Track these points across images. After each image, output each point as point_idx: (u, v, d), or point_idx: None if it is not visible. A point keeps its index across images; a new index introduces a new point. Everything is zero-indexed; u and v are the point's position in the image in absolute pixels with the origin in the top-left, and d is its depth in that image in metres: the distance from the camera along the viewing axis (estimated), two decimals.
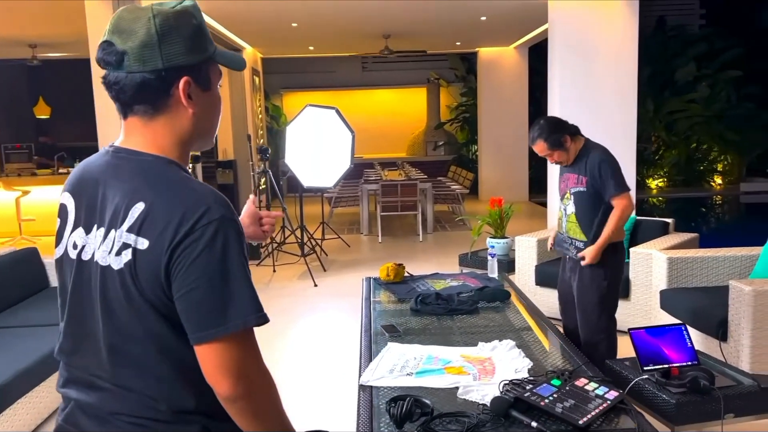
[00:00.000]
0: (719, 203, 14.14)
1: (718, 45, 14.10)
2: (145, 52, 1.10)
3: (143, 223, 1.07)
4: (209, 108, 1.21)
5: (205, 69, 1.18)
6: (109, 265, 1.10)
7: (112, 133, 4.91)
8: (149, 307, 1.09)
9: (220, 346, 1.06)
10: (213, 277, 1.05)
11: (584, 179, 3.05)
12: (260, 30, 9.35)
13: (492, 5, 7.94)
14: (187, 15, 1.15)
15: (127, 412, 1.14)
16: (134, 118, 1.16)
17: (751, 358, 3.16)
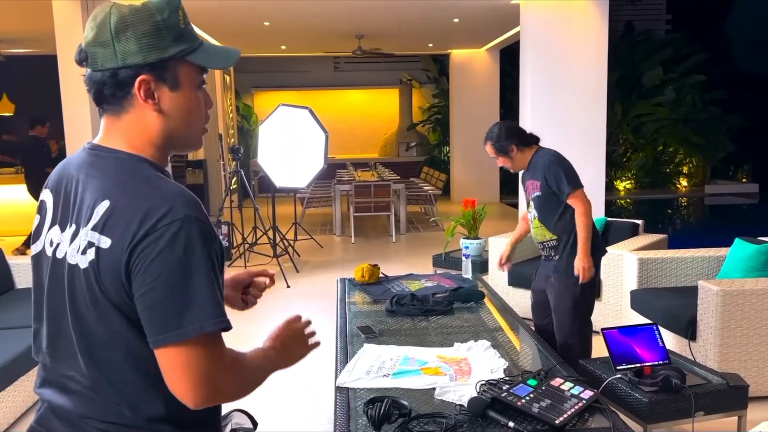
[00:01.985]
0: (685, 205, 14.45)
1: (683, 50, 14.42)
2: (102, 51, 1.08)
3: (107, 221, 1.04)
4: (181, 108, 1.14)
5: (172, 68, 1.12)
6: (76, 264, 1.07)
7: (79, 132, 4.80)
8: (113, 308, 1.05)
9: (177, 351, 1.02)
10: (171, 279, 1.01)
11: (538, 183, 3.09)
12: (232, 28, 9.25)
13: (464, 7, 7.99)
14: (145, 11, 1.10)
15: (96, 417, 1.11)
16: (107, 117, 1.15)
17: (719, 356, 3.23)
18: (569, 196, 3.00)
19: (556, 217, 3.08)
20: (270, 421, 3.35)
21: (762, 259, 3.70)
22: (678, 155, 14.78)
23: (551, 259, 3.17)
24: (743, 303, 3.21)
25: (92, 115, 5.99)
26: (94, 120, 6.00)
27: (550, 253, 3.16)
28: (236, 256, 7.02)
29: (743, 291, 3.22)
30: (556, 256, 3.13)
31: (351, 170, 11.36)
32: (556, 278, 3.13)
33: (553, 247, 3.13)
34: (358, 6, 7.73)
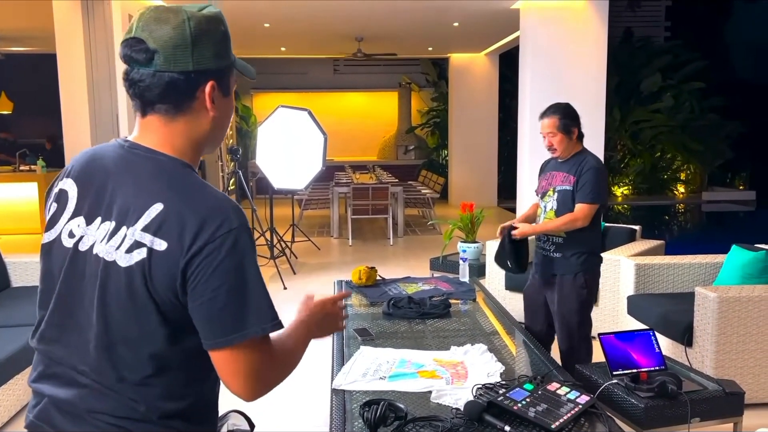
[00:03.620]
0: (682, 211, 14.47)
1: (682, 57, 14.46)
2: (177, 53, 1.10)
3: (162, 225, 1.06)
4: (226, 113, 1.21)
5: (227, 75, 1.19)
6: (114, 261, 1.08)
7: (78, 131, 4.78)
8: (154, 309, 1.07)
9: (237, 352, 1.08)
10: (232, 286, 1.06)
11: (572, 179, 3.04)
12: (231, 29, 9.10)
13: (464, 11, 8.00)
14: (217, 21, 1.16)
15: (107, 412, 1.11)
16: (154, 117, 1.15)
17: (715, 363, 3.23)
18: (580, 203, 2.97)
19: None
20: (266, 423, 3.34)
21: (759, 267, 3.70)
22: (676, 162, 14.81)
23: (551, 255, 3.13)
24: (740, 310, 3.21)
25: (91, 114, 5.98)
26: (92, 118, 5.99)
27: (552, 249, 3.12)
28: None
29: (740, 298, 3.22)
30: (558, 254, 3.10)
31: (349, 172, 11.36)
32: (562, 281, 3.09)
33: (559, 244, 3.09)
34: (358, 9, 7.74)
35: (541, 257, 3.23)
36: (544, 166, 3.30)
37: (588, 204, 2.98)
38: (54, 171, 8.89)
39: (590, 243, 3.09)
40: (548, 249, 3.15)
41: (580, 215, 2.98)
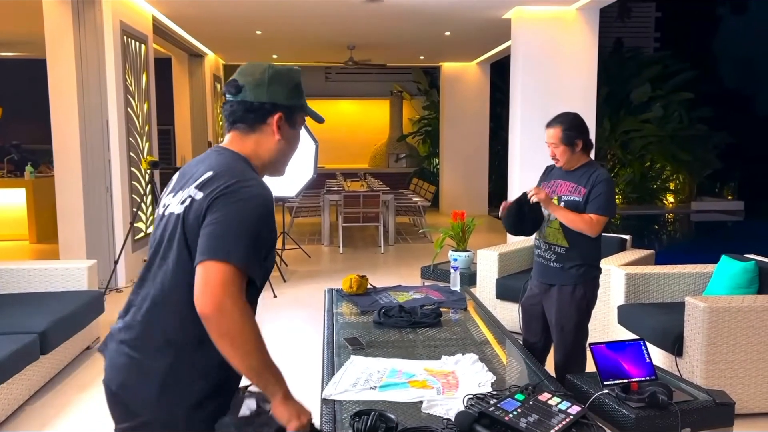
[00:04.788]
0: (671, 221, 14.56)
1: (671, 68, 14.59)
2: (257, 89, 1.53)
3: (206, 182, 1.43)
4: (290, 141, 1.60)
5: (295, 112, 1.59)
6: (173, 212, 1.47)
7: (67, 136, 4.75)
8: (185, 245, 1.41)
9: (206, 266, 1.33)
10: (228, 222, 1.35)
11: (583, 190, 2.98)
12: (223, 36, 9.25)
13: (456, 21, 8.04)
14: (292, 73, 1.59)
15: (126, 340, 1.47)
16: (235, 132, 1.56)
17: (705, 373, 3.24)
18: (595, 214, 2.91)
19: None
20: None
21: (748, 277, 3.72)
22: (665, 171, 14.92)
23: (550, 264, 3.10)
24: (729, 320, 3.22)
25: (80, 119, 5.94)
26: (81, 123, 5.95)
27: (552, 258, 3.08)
28: None
29: (730, 308, 3.23)
30: (558, 264, 3.06)
31: (340, 180, 11.35)
32: (561, 292, 3.05)
33: (560, 254, 3.04)
34: (351, 17, 7.75)
35: (539, 266, 3.18)
36: (548, 172, 3.21)
37: (601, 216, 2.92)
38: (41, 177, 8.82)
39: (591, 255, 3.05)
40: (548, 258, 3.10)
41: (595, 225, 2.91)
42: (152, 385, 1.41)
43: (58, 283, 4.28)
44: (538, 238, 3.18)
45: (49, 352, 3.57)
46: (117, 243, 6.09)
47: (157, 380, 1.41)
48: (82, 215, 6.02)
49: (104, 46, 5.95)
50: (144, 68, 6.91)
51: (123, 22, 6.26)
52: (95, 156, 6.02)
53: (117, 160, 6.10)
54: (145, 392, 1.42)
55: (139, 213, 6.42)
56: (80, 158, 5.97)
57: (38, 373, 3.55)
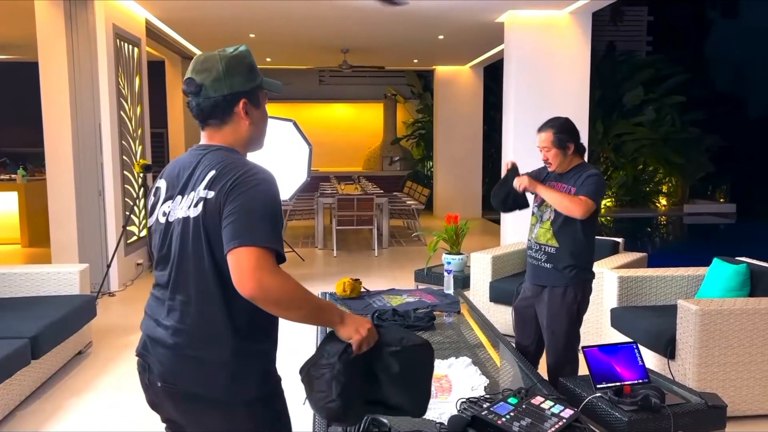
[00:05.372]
0: (664, 224, 14.62)
1: (664, 71, 14.66)
2: (215, 84, 1.58)
3: (214, 181, 1.50)
4: (260, 120, 1.67)
5: (256, 93, 1.64)
6: (188, 216, 1.53)
7: (59, 140, 4.73)
8: (206, 244, 1.49)
9: (239, 252, 1.41)
10: (248, 209, 1.45)
11: (572, 189, 3.00)
12: (217, 39, 9.23)
13: (449, 25, 8.05)
14: (241, 57, 1.62)
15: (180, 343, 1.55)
16: (209, 129, 1.63)
17: (698, 376, 3.25)
18: (581, 196, 2.92)
19: (571, 225, 2.99)
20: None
21: (740, 280, 3.74)
22: (658, 174, 14.98)
23: (541, 264, 3.10)
24: (722, 323, 3.24)
25: (72, 122, 5.92)
26: (74, 127, 5.93)
27: (543, 258, 3.08)
28: None
29: (722, 311, 3.24)
30: (549, 264, 3.07)
31: (334, 183, 11.34)
32: (553, 294, 3.06)
33: (551, 255, 3.05)
34: (344, 21, 7.76)
35: (531, 267, 3.19)
36: (543, 173, 3.23)
37: (589, 199, 2.89)
38: (33, 180, 8.78)
39: (582, 257, 3.05)
40: (539, 258, 3.11)
41: (583, 205, 2.87)
42: (223, 373, 1.51)
43: (50, 287, 4.26)
44: (530, 239, 3.19)
45: (41, 357, 3.55)
46: (109, 247, 6.06)
47: (227, 367, 1.51)
48: (74, 219, 5.99)
49: (97, 49, 5.93)
50: (137, 71, 6.89)
51: (116, 25, 6.24)
52: (88, 159, 6.00)
53: (109, 164, 6.08)
54: (219, 380, 1.51)
55: (131, 216, 6.40)
56: (72, 161, 5.95)
57: (29, 378, 3.53)
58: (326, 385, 1.51)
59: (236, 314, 1.51)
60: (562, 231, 3.02)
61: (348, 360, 1.52)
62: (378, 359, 1.58)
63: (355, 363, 1.53)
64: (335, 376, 1.50)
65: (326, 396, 1.51)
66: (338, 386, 1.49)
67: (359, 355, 1.53)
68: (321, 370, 1.53)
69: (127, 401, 3.61)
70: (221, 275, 1.49)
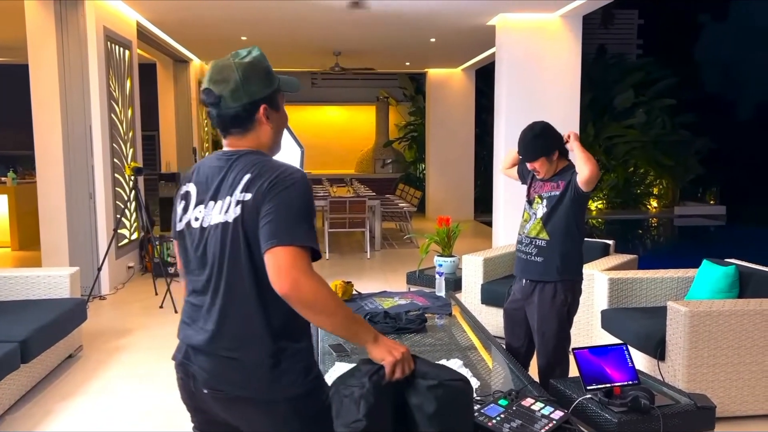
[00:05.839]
0: (655, 226, 14.69)
1: (654, 74, 14.76)
2: (234, 94, 1.58)
3: (250, 184, 1.52)
4: (280, 122, 1.69)
5: (274, 96, 1.65)
6: (226, 221, 1.54)
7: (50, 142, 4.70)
8: (244, 243, 1.51)
9: (276, 252, 1.45)
10: (284, 208, 1.48)
11: (562, 183, 3.02)
12: (208, 42, 9.22)
13: (441, 28, 8.08)
14: (257, 62, 1.62)
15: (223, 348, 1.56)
16: (231, 137, 1.64)
17: (687, 377, 3.27)
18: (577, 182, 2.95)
19: (563, 219, 3.01)
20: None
21: (729, 281, 3.77)
22: (648, 177, 15.06)
23: (533, 258, 3.12)
24: (710, 324, 3.26)
25: (62, 125, 5.90)
26: (64, 130, 5.91)
27: (534, 252, 3.09)
28: None
29: (711, 312, 3.27)
30: (540, 258, 3.09)
31: (326, 186, 11.34)
32: (543, 296, 3.07)
33: (542, 248, 3.06)
34: (336, 23, 7.77)
35: (521, 262, 3.19)
36: (528, 174, 3.25)
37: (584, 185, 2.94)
38: (23, 183, 8.73)
39: (571, 254, 3.06)
40: (530, 252, 3.12)
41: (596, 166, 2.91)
42: (264, 373, 1.52)
43: (40, 290, 4.23)
44: (521, 234, 3.21)
45: (30, 361, 3.53)
46: (100, 250, 6.03)
47: (267, 367, 1.52)
48: (64, 222, 5.97)
49: (87, 51, 5.91)
50: (128, 74, 6.87)
51: (106, 27, 6.22)
52: (78, 162, 5.97)
53: (100, 167, 6.05)
54: (260, 380, 1.52)
55: (122, 219, 6.37)
56: (63, 164, 5.92)
57: (19, 382, 3.51)
58: (354, 405, 1.48)
59: (273, 315, 1.52)
60: (552, 225, 3.05)
61: (378, 382, 1.48)
62: (413, 392, 1.54)
63: (387, 389, 1.48)
64: (364, 395, 1.48)
65: (353, 415, 1.47)
66: (366, 406, 1.46)
67: (392, 382, 1.50)
68: (350, 388, 1.51)
69: (117, 405, 3.60)
70: (259, 277, 1.51)
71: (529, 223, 3.15)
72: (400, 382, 1.52)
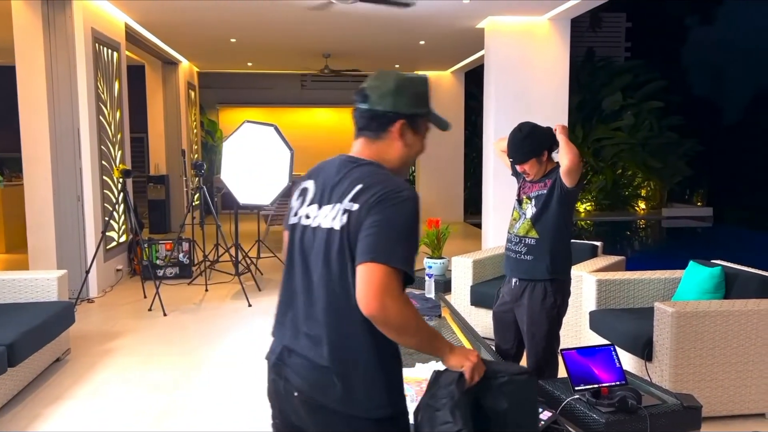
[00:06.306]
0: (643, 227, 14.79)
1: (642, 77, 14.87)
2: (382, 98, 1.62)
3: (359, 194, 1.52)
4: (412, 147, 1.68)
5: (417, 119, 1.67)
6: (332, 227, 1.54)
7: (37, 144, 4.66)
8: (348, 252, 1.49)
9: (368, 268, 1.43)
10: (387, 227, 1.46)
11: (549, 182, 3.04)
12: (197, 44, 9.20)
13: (430, 31, 8.11)
14: (418, 82, 1.68)
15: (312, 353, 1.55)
16: (362, 138, 1.67)
17: (674, 377, 3.30)
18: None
19: (552, 218, 3.03)
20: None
21: (715, 282, 3.81)
22: (636, 178, 15.16)
23: (522, 257, 3.13)
24: (697, 324, 3.29)
25: (50, 127, 5.86)
26: (52, 132, 5.87)
27: (524, 251, 3.10)
28: (197, 273, 6.91)
29: (697, 313, 3.30)
30: (530, 256, 3.10)
31: None
32: (532, 298, 3.07)
33: (531, 246, 3.07)
34: (326, 26, 7.77)
35: (510, 261, 3.20)
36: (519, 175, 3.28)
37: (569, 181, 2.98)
38: (10, 185, 8.66)
39: (560, 253, 3.07)
40: (519, 251, 3.13)
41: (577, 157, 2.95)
42: (360, 389, 1.51)
43: (27, 293, 4.20)
44: (510, 233, 3.22)
45: (18, 365, 3.50)
46: (88, 253, 6.00)
47: (363, 383, 1.51)
48: (52, 224, 5.93)
49: (75, 53, 5.88)
50: (116, 76, 6.84)
51: (94, 29, 6.19)
52: (66, 164, 5.94)
53: (88, 169, 6.02)
54: (355, 395, 1.51)
55: (111, 222, 6.34)
56: (50, 166, 5.88)
57: (6, 386, 3.48)
58: (450, 415, 1.48)
59: (374, 330, 1.48)
60: (542, 224, 3.07)
61: (463, 388, 1.51)
62: (486, 393, 1.57)
63: (467, 395, 1.52)
64: (457, 404, 1.49)
65: (452, 426, 1.47)
66: (462, 414, 1.48)
67: (469, 387, 1.53)
68: (441, 400, 1.51)
69: (106, 408, 3.58)
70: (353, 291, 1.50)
71: (519, 223, 3.17)
72: (475, 386, 1.56)
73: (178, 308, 5.73)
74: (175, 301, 5.93)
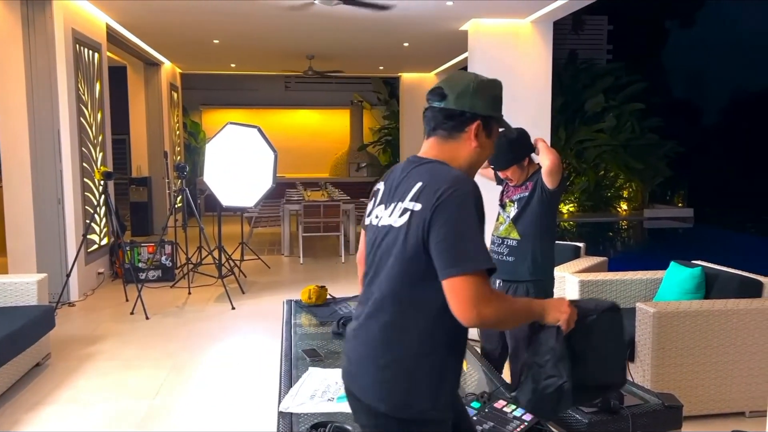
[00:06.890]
0: (625, 228, 14.93)
1: (623, 79, 15.01)
2: (459, 98, 1.63)
3: (420, 194, 1.53)
4: (484, 148, 1.67)
5: (491, 122, 1.67)
6: (391, 225, 1.57)
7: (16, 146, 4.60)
8: (409, 256, 1.51)
9: (458, 281, 1.43)
10: (455, 232, 1.46)
11: (530, 185, 3.07)
12: (180, 45, 9.14)
13: (414, 33, 8.12)
14: (494, 85, 1.69)
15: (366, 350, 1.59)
16: (434, 138, 1.67)
17: (655, 377, 3.33)
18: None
19: (533, 219, 3.05)
20: None
21: (695, 282, 3.85)
22: (618, 180, 15.29)
23: (504, 258, 3.13)
24: (678, 324, 3.33)
25: (30, 129, 5.79)
26: (31, 133, 5.80)
27: (506, 252, 3.11)
28: (180, 276, 6.86)
29: (678, 313, 3.34)
30: (511, 257, 3.11)
31: (300, 190, 11.30)
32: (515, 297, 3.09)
33: (513, 247, 3.09)
34: (309, 27, 7.76)
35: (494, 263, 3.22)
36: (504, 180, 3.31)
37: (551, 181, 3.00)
38: None
39: (543, 254, 3.09)
40: (501, 252, 3.16)
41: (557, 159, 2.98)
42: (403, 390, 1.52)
43: (6, 297, 4.15)
44: (493, 234, 3.24)
45: None
46: (69, 256, 5.93)
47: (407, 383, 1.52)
48: (32, 227, 5.85)
49: (55, 54, 5.81)
50: (98, 77, 6.77)
51: (75, 29, 6.13)
52: (46, 167, 5.87)
53: (69, 171, 5.95)
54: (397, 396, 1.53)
55: (92, 225, 6.27)
56: (30, 169, 5.81)
57: None
58: (554, 369, 1.56)
59: (426, 331, 1.51)
60: (523, 225, 3.09)
61: (562, 340, 1.58)
62: (577, 331, 1.62)
63: (565, 344, 1.59)
64: (560, 358, 1.56)
65: (558, 379, 1.56)
66: (565, 366, 1.56)
67: (566, 334, 1.60)
68: (544, 357, 1.59)
69: (86, 413, 3.54)
70: (414, 289, 1.52)
71: (502, 225, 3.20)
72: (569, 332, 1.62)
73: (160, 311, 5.68)
74: (157, 305, 5.88)
